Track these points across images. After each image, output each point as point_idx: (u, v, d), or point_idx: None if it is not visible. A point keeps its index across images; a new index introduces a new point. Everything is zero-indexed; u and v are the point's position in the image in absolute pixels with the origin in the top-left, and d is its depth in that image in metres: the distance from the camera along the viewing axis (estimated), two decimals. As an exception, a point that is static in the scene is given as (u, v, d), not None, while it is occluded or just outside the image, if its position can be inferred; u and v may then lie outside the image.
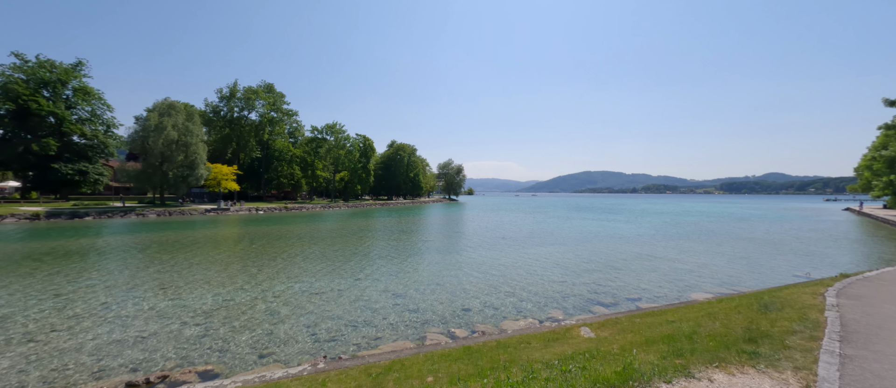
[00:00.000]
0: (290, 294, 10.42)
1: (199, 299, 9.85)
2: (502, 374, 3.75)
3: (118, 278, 12.11)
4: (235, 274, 12.86)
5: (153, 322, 8.13)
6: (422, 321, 8.33)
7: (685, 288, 11.11)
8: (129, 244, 19.90)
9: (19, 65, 42.93)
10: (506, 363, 4.08)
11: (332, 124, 77.39)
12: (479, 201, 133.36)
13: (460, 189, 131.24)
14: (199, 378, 5.61)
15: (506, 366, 3.97)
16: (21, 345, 6.85)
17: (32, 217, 32.38)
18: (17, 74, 42.28)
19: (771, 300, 5.29)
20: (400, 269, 13.93)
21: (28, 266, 13.86)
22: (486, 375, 3.78)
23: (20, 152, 41.14)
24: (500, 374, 3.75)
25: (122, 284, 11.43)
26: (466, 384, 3.50)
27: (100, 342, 7.06)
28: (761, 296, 5.84)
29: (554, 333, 5.35)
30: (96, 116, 50.44)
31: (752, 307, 5.11)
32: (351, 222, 36.09)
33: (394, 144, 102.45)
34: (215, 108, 65.13)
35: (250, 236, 24.12)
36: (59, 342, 6.99)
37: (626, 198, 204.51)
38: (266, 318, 8.50)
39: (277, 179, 70.04)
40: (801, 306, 5.02)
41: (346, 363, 5.08)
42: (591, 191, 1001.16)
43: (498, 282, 11.85)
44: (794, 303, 5.21)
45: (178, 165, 46.06)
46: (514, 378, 3.56)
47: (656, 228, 30.71)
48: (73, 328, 7.73)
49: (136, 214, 39.08)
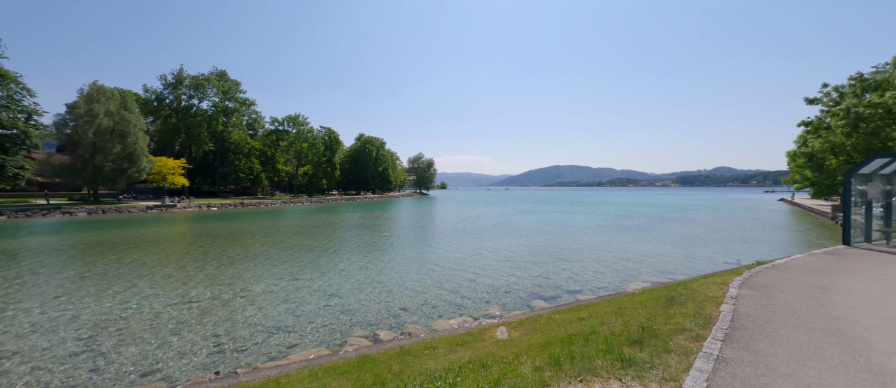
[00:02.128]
0: (209, 299, 9.39)
1: (96, 308, 8.59)
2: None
3: (4, 287, 10.40)
4: (154, 278, 11.51)
5: (34, 337, 6.90)
6: (350, 324, 7.71)
7: (626, 278, 11.27)
8: (39, 247, 17.51)
9: None
10: (393, 376, 3.58)
11: (294, 116, 73.66)
12: (450, 194, 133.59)
13: (431, 183, 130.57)
14: (48, 408, 4.66)
15: (390, 380, 3.47)
16: None
17: (-74, 217, 27.96)
18: None
19: (678, 293, 5.22)
20: (344, 267, 13.16)
21: None
22: (361, 393, 3.26)
23: (-88, 142, 35.36)
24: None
25: (6, 294, 9.81)
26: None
27: (-61, 367, 5.82)
28: (673, 288, 5.81)
29: (469, 335, 4.94)
30: (13, 101, 44.40)
31: (660, 301, 5.00)
32: (310, 218, 34.45)
33: (361, 138, 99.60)
34: (159, 95, 59.75)
35: (193, 235, 22.18)
36: None
37: (591, 191, 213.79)
38: (168, 327, 7.50)
39: (235, 174, 65.75)
40: (702, 299, 4.95)
41: (249, 376, 4.39)
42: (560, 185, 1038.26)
43: (444, 278, 11.45)
44: (697, 295, 5.15)
45: (115, 158, 41.76)
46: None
47: (611, 219, 31.84)
48: (-88, 351, 6.36)
49: (62, 212, 35.01)
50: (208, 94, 62.44)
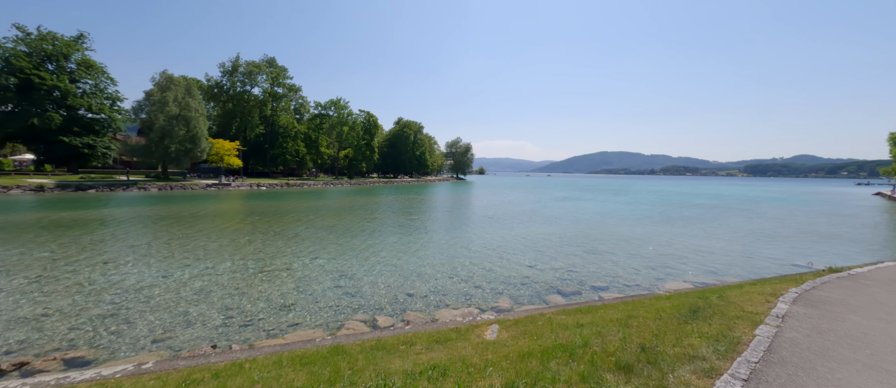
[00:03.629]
0: (231, 272, 9.88)
1: (138, 274, 9.41)
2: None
3: (68, 251, 11.85)
4: (194, 251, 12.44)
5: (72, 297, 7.70)
6: (354, 307, 7.62)
7: (662, 277, 10.01)
8: (120, 217, 19.91)
9: (21, 37, 43.05)
10: (351, 373, 3.24)
11: (336, 100, 76.21)
12: (487, 180, 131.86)
13: (469, 168, 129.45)
14: (64, 366, 5.04)
15: (345, 377, 3.14)
16: (-83, 320, 6.50)
17: (37, 189, 33.24)
18: (19, 46, 42.49)
19: (707, 303, 4.24)
20: (363, 248, 13.25)
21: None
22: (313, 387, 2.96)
23: (27, 126, 41.95)
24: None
25: (67, 257, 11.14)
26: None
27: (0, 319, 6.64)
28: (704, 295, 4.78)
29: (456, 331, 4.48)
30: (100, 90, 50.71)
31: (681, 311, 4.09)
32: (345, 200, 35.71)
33: (400, 122, 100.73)
34: (218, 83, 64.79)
35: (239, 212, 23.95)
36: (-43, 319, 6.61)
37: (640, 180, 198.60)
38: (190, 297, 7.95)
39: (283, 156, 70.07)
40: (735, 315, 3.94)
41: (220, 356, 4.39)
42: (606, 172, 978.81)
43: (460, 265, 11.03)
44: (731, 309, 4.13)
45: (180, 140, 46.28)
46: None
47: (659, 210, 29.06)
48: (-14, 303, 7.36)
49: (139, 187, 39.74)
50: (259, 80, 66.50)
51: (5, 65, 41.19)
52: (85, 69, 48.58)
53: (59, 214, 20.64)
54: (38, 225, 16.64)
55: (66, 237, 13.96)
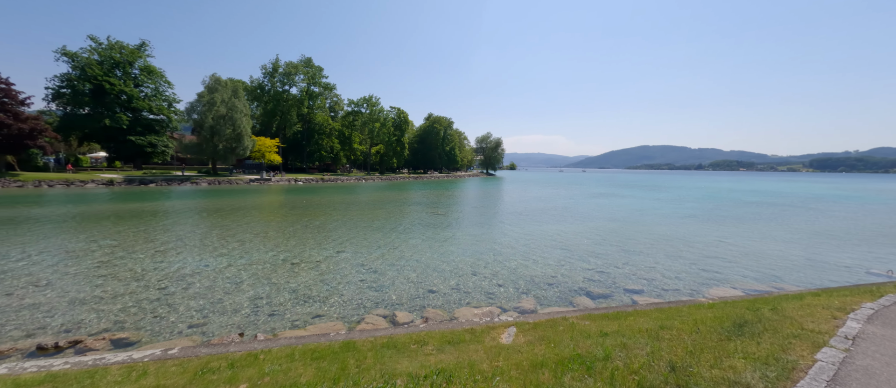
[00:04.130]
0: (264, 263, 10.36)
1: (183, 263, 10.15)
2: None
3: (128, 240, 13.06)
4: (232, 241, 13.24)
5: (126, 283, 8.44)
6: (375, 302, 7.68)
7: (707, 282, 9.14)
8: (174, 209, 21.78)
9: (94, 47, 48.18)
10: (356, 371, 3.18)
11: (368, 97, 78.08)
12: (518, 175, 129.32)
13: (499, 163, 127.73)
14: (111, 346, 5.50)
15: (351, 376, 3.08)
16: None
17: (107, 183, 37.26)
18: (93, 55, 47.60)
19: (758, 317, 3.66)
20: (389, 242, 13.39)
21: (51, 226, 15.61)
22: (318, 383, 2.93)
23: (101, 127, 47.04)
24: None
25: (126, 245, 12.27)
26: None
27: (55, 298, 7.41)
28: (755, 306, 4.15)
29: (470, 332, 4.30)
30: (159, 92, 55.65)
31: (724, 325, 3.57)
32: (375, 194, 36.52)
33: (430, 117, 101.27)
34: (260, 84, 68.67)
35: (277, 206, 25.28)
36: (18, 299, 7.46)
37: (685, 175, 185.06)
38: (225, 286, 8.42)
39: (318, 152, 73.15)
40: (792, 333, 3.36)
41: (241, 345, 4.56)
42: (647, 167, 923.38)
43: (485, 262, 10.79)
44: (786, 325, 3.53)
45: (227, 138, 49.70)
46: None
47: (706, 207, 26.80)
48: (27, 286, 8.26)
49: (191, 182, 43.27)
50: (296, 80, 69.65)
51: (82, 73, 46.36)
52: (146, 74, 53.52)
53: (124, 206, 22.93)
54: (106, 216, 18.58)
55: (127, 227, 15.44)
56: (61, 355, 5.09)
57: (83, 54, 47.10)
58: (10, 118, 35.40)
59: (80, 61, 46.35)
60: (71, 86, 46.70)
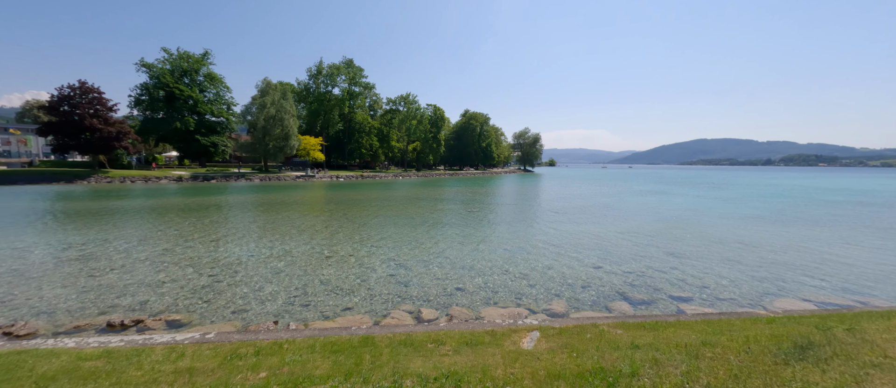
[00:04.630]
0: (302, 255, 10.92)
1: (230, 253, 11.02)
2: (344, 384, 2.88)
3: (188, 229, 14.46)
4: (277, 233, 14.15)
5: (184, 268, 9.34)
6: (403, 297, 7.76)
7: (770, 291, 8.08)
8: (231, 202, 23.89)
9: (166, 58, 54.01)
10: (370, 368, 3.18)
11: (405, 95, 79.58)
12: (557, 172, 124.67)
13: (537, 160, 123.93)
14: (166, 326, 6.08)
15: (364, 371, 3.08)
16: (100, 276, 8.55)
17: (177, 179, 41.73)
18: (165, 65, 53.41)
19: (826, 338, 3.03)
20: (421, 239, 13.50)
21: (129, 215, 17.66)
22: (324, 380, 2.97)
23: (172, 129, 52.78)
24: (341, 384, 2.89)
25: (186, 235, 13.58)
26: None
27: (123, 281, 8.36)
28: (825, 324, 3.46)
29: (490, 334, 4.14)
30: (220, 97, 61.12)
31: (782, 345, 3.00)
32: (411, 191, 37.15)
33: (466, 114, 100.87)
34: (306, 85, 72.75)
35: (319, 201, 26.68)
36: (96, 280, 8.51)
37: (750, 171, 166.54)
38: (268, 275, 8.99)
39: (358, 150, 76.08)
40: (870, 362, 2.71)
41: (270, 334, 4.83)
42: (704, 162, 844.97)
43: (515, 261, 10.48)
44: (863, 351, 2.87)
45: (276, 138, 53.37)
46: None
47: (775, 208, 23.83)
48: (97, 272, 9.36)
49: (246, 179, 47.11)
50: (338, 81, 72.82)
51: (157, 82, 52.20)
52: (209, 80, 58.99)
53: (188, 199, 25.52)
54: (173, 209, 20.78)
55: (189, 219, 17.14)
56: (125, 332, 5.72)
57: (158, 65, 52.96)
58: (101, 123, 40.92)
59: (156, 71, 52.18)
60: (148, 93, 52.81)
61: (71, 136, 40.79)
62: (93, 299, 7.26)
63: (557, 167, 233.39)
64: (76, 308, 6.86)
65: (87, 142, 40.94)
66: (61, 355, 3.67)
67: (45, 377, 3.14)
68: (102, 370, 3.31)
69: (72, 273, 8.90)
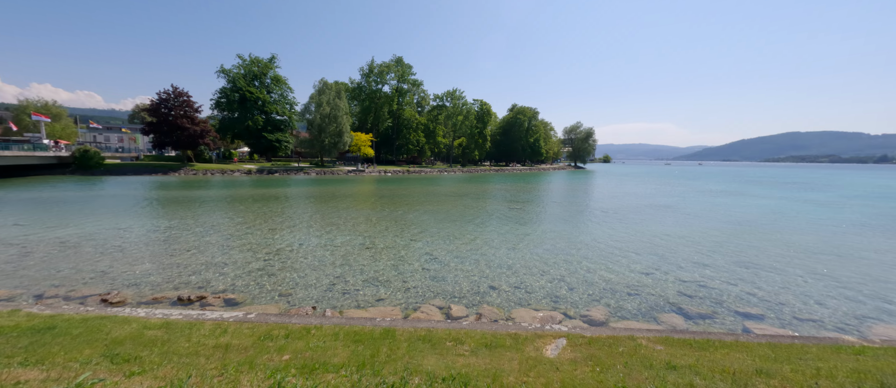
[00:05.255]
0: (347, 245, 11.50)
1: (283, 241, 11.99)
2: (355, 375, 2.95)
3: (251, 218, 16.03)
4: (326, 224, 15.10)
5: (243, 253, 10.38)
6: (436, 292, 7.80)
7: (871, 315, 6.68)
8: (290, 194, 26.13)
9: (241, 63, 60.26)
10: (385, 360, 3.21)
11: (451, 91, 79.87)
12: (612, 168, 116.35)
13: (590, 155, 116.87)
14: (224, 304, 6.80)
15: (379, 362, 3.12)
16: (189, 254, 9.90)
17: (247, 172, 46.60)
18: (240, 70, 59.64)
19: None
20: (459, 235, 13.47)
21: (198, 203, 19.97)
22: (337, 369, 3.06)
23: (245, 127, 58.92)
24: (353, 374, 2.96)
25: (249, 222, 15.06)
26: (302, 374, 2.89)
27: (190, 263, 9.49)
28: None
29: (513, 338, 3.95)
30: (284, 97, 66.71)
31: (863, 384, 2.34)
32: (455, 186, 37.29)
33: (514, 108, 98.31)
34: (358, 84, 76.40)
35: (368, 194, 28.00)
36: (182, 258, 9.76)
37: (858, 170, 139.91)
38: (313, 263, 9.62)
39: (406, 146, 78.29)
40: None
41: (303, 319, 5.15)
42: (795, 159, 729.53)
43: (555, 263, 9.98)
44: None
45: (331, 134, 56.95)
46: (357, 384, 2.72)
47: (886, 214, 19.74)
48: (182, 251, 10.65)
49: (304, 172, 51.06)
50: (388, 79, 75.31)
51: (233, 85, 58.53)
52: (275, 82, 64.60)
53: (255, 191, 28.36)
54: (242, 199, 23.22)
55: (253, 208, 19.03)
56: (191, 306, 6.50)
57: (233, 70, 59.35)
58: (189, 123, 47.09)
59: (232, 76, 58.53)
60: (226, 96, 59.48)
61: (166, 134, 47.58)
62: (170, 276, 8.38)
63: (613, 164, 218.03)
64: (157, 282, 7.98)
65: (178, 139, 47.44)
66: (132, 322, 4.28)
67: (115, 341, 3.67)
68: (159, 339, 3.79)
69: (157, 252, 10.37)
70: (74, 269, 8.78)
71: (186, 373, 2.79)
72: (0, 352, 3.11)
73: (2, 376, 2.54)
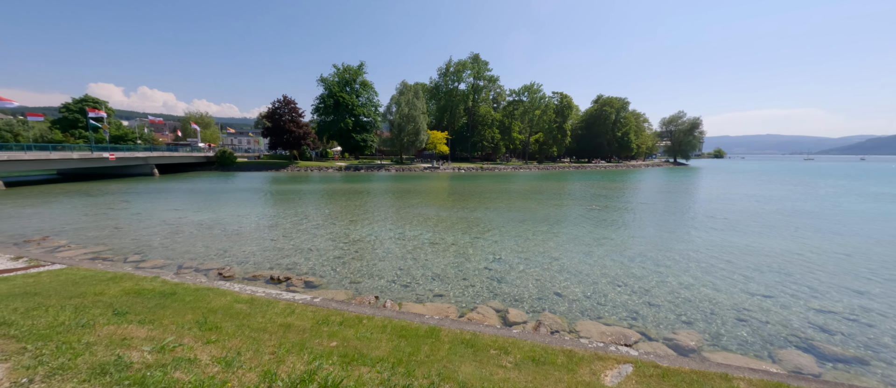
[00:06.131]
0: (414, 239, 11.93)
1: (358, 232, 13.04)
2: (387, 372, 2.93)
3: (335, 209, 17.83)
4: (396, 217, 15.96)
5: (324, 241, 11.59)
6: (495, 293, 7.53)
7: None
8: (370, 189, 28.56)
9: (335, 72, 67.79)
10: (424, 359, 3.13)
11: (528, 85, 76.77)
12: (726, 165, 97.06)
13: (695, 150, 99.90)
14: (304, 286, 7.65)
15: (416, 361, 3.06)
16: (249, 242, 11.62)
17: (338, 169, 52.32)
18: (335, 78, 67.15)
19: None
20: (527, 235, 12.81)
21: (294, 195, 22.79)
22: (374, 363, 3.08)
23: (338, 129, 66.28)
24: (385, 371, 2.95)
25: (333, 214, 16.76)
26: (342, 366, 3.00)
27: (266, 247, 10.87)
28: None
29: (567, 355, 3.48)
30: (370, 100, 72.90)
31: None
32: (530, 184, 35.82)
33: (599, 99, 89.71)
34: (437, 83, 79.00)
35: (440, 190, 28.85)
36: (273, 243, 11.33)
37: None
38: (381, 254, 10.22)
39: (480, 143, 78.25)
40: None
41: (360, 308, 5.46)
42: None
43: (638, 272, 8.74)
44: None
45: (409, 133, 60.19)
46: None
47: None
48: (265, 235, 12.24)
49: (385, 169, 55.07)
50: (464, 77, 76.10)
51: (329, 92, 66.23)
52: (363, 87, 70.98)
53: (343, 186, 31.62)
54: (331, 193, 26.10)
55: (339, 201, 21.20)
56: (278, 286, 7.48)
57: (329, 78, 67.13)
58: (295, 126, 54.93)
59: (328, 84, 66.27)
60: (323, 102, 67.68)
61: (278, 136, 56.38)
62: (268, 257, 9.81)
63: (728, 159, 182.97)
64: (258, 261, 9.42)
65: (287, 140, 55.75)
66: (227, 295, 5.09)
67: (211, 310, 4.39)
68: (242, 312, 4.41)
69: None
70: (205, 246, 10.94)
71: (247, 347, 3.17)
72: (132, 309, 4.03)
73: (119, 330, 3.26)
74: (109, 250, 10.40)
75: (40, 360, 2.55)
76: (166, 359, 2.71)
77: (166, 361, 2.67)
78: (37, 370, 2.43)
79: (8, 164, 28.79)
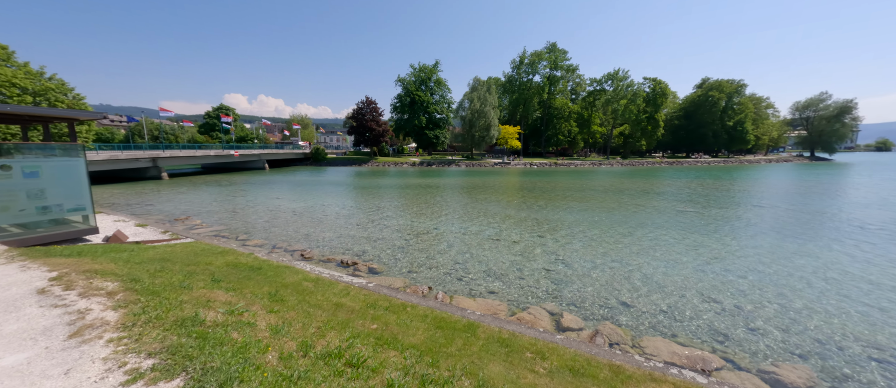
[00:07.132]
0: (475, 234, 11.94)
1: (422, 224, 13.56)
2: (412, 359, 2.99)
3: (405, 202, 18.81)
4: (463, 212, 16.16)
5: (384, 231, 12.37)
6: (552, 295, 7.11)
7: None
8: (441, 183, 29.54)
9: (412, 71, 71.25)
10: (455, 355, 3.14)
11: (613, 72, 69.46)
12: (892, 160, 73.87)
13: (845, 141, 78.23)
14: (368, 271, 8.31)
15: (448, 355, 3.09)
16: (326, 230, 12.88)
17: (412, 164, 55.13)
18: (411, 78, 70.65)
19: None
20: (599, 236, 11.73)
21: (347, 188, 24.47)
22: (403, 349, 3.17)
23: (413, 126, 69.79)
24: (411, 358, 3.03)
25: (400, 206, 17.71)
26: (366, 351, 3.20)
27: (322, 234, 11.86)
28: None
29: (615, 371, 3.07)
30: (443, 98, 74.84)
31: None
32: (609, 182, 32.67)
33: (704, 84, 76.47)
34: (510, 77, 77.11)
35: (509, 186, 28.32)
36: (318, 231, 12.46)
37: None
38: (441, 247, 10.48)
39: (556, 137, 74.04)
40: None
41: (405, 296, 5.71)
42: None
43: (736, 288, 7.32)
44: None
45: (480, 129, 60.11)
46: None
47: None
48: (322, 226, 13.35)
49: (456, 164, 56.05)
50: (539, 68, 72.65)
51: (405, 92, 69.98)
52: (437, 85, 73.20)
53: (416, 180, 33.24)
54: (404, 186, 27.66)
55: (409, 195, 22.36)
56: (346, 269, 8.25)
57: (407, 78, 70.88)
58: (375, 125, 59.56)
59: (405, 83, 70.05)
60: (400, 101, 71.83)
61: (361, 134, 61.84)
62: (342, 243, 10.90)
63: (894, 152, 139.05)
64: (334, 246, 10.53)
65: (368, 138, 60.81)
66: (299, 274, 5.82)
67: (283, 284, 5.09)
68: (307, 289, 5.00)
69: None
70: (294, 230, 12.65)
71: (299, 320, 3.59)
72: (226, 278, 4.93)
73: (209, 294, 4.02)
74: (227, 230, 12.78)
75: (145, 309, 3.32)
76: (232, 320, 3.26)
77: (231, 322, 3.21)
78: (140, 317, 3.17)
79: (171, 159, 37.51)
